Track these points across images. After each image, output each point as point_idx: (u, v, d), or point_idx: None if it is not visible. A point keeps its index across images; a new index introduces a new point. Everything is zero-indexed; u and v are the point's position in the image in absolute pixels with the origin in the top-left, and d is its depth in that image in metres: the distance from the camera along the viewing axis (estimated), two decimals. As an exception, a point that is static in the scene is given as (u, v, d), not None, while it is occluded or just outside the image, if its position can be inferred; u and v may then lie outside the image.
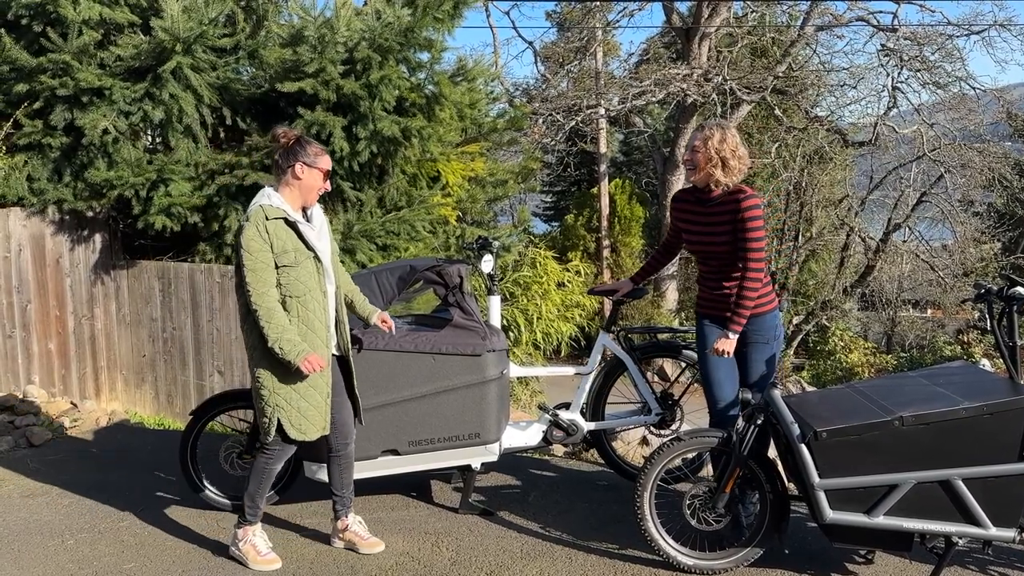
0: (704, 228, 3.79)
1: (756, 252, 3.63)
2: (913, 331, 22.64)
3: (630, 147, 28.98)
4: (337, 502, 3.80)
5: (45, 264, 6.53)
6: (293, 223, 3.44)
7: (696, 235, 3.85)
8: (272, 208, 3.42)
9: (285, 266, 3.40)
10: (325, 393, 3.57)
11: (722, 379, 3.84)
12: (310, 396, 3.51)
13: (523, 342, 9.15)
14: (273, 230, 3.39)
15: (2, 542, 3.95)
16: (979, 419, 3.13)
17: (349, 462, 3.78)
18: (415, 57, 6.74)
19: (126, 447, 5.53)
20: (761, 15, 19.38)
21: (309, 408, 3.51)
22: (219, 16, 6.57)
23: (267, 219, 3.39)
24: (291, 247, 3.42)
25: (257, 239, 3.36)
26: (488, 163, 7.82)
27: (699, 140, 3.69)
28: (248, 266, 3.37)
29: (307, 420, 3.51)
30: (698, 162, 3.69)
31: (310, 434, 3.53)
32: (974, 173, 19.35)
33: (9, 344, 6.39)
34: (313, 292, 3.49)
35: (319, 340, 3.50)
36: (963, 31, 18.54)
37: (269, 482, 3.67)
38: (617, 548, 3.82)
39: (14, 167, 6.41)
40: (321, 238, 3.57)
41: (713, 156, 3.64)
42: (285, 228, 3.42)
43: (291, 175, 3.47)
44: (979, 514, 3.17)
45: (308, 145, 3.51)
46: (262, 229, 3.37)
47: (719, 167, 3.65)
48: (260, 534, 3.71)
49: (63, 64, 6.17)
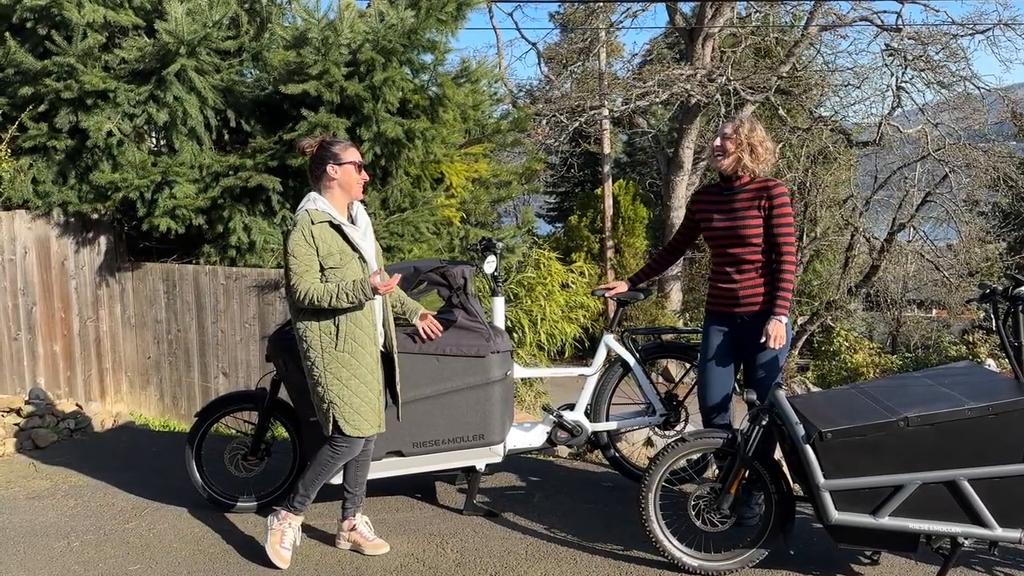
0: (730, 215, 3.88)
1: (790, 237, 3.81)
2: (918, 331, 22.59)
3: (634, 148, 28.96)
4: (347, 500, 3.81)
5: (50, 266, 6.55)
6: (338, 225, 3.50)
7: (721, 223, 3.91)
8: (317, 212, 3.49)
9: (332, 268, 3.46)
10: (377, 390, 3.59)
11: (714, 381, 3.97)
12: (362, 393, 3.53)
13: (527, 343, 9.14)
14: (319, 234, 3.45)
15: (8, 544, 3.96)
16: (984, 419, 3.12)
17: (367, 460, 3.79)
18: (418, 59, 6.75)
19: (131, 449, 5.54)
20: (765, 15, 19.36)
21: (362, 404, 3.53)
22: (223, 18, 6.59)
23: (312, 223, 3.46)
24: (336, 249, 3.48)
25: (303, 244, 3.43)
26: (492, 164, 7.83)
27: (730, 128, 3.88)
28: (294, 270, 3.42)
29: (360, 416, 3.53)
30: (728, 149, 3.85)
31: (364, 430, 3.56)
32: (979, 173, 19.30)
33: (15, 346, 6.41)
34: None
35: (367, 337, 3.54)
36: (967, 30, 18.50)
37: (326, 477, 3.67)
38: (622, 549, 3.82)
39: (19, 170, 6.43)
40: (366, 238, 3.64)
41: (743, 142, 3.82)
42: (330, 231, 3.49)
43: (326, 178, 3.55)
44: (985, 515, 3.16)
45: (332, 145, 3.59)
46: (307, 234, 3.44)
47: (748, 153, 3.82)
48: (296, 528, 3.73)
49: (68, 67, 6.19)
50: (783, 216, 3.79)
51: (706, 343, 4.01)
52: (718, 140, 3.90)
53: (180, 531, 4.08)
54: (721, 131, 3.92)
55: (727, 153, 3.85)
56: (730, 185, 3.91)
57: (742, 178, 3.87)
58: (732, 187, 3.90)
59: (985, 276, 19.36)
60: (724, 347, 3.96)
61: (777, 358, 3.86)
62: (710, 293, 4.06)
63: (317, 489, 3.70)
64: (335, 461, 3.63)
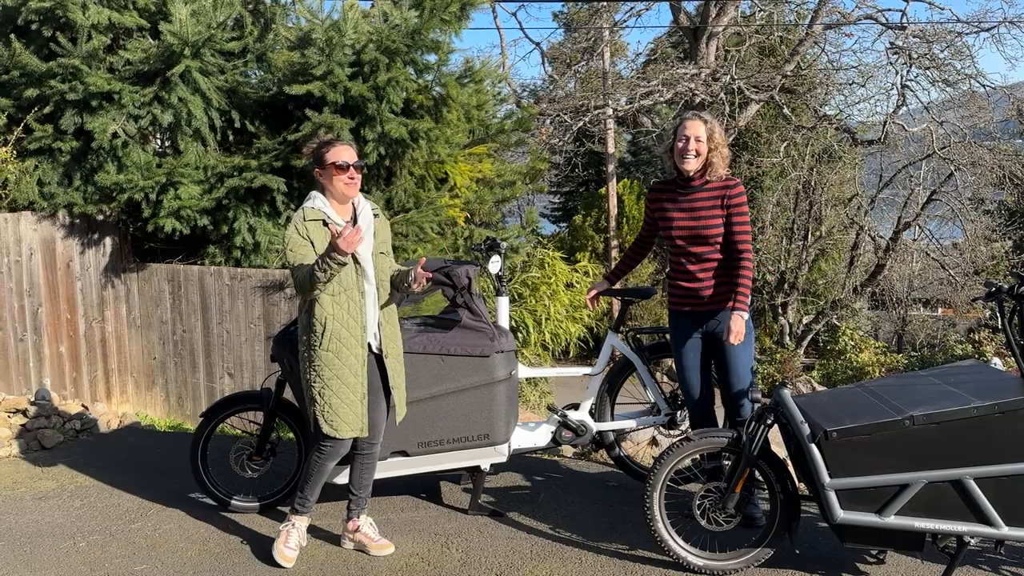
0: (692, 215, 3.87)
1: (748, 235, 3.85)
2: (924, 330, 22.54)
3: (638, 147, 28.93)
4: (352, 501, 3.81)
5: (56, 268, 6.57)
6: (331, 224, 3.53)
7: (683, 223, 3.90)
8: (311, 210, 3.55)
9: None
10: (360, 393, 3.58)
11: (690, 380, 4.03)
12: (342, 393, 3.53)
13: (531, 343, 9.15)
14: (312, 230, 3.50)
15: (14, 544, 3.98)
16: (991, 418, 3.11)
17: (372, 463, 3.79)
18: (422, 59, 6.76)
19: (137, 449, 5.55)
20: (769, 14, 19.32)
21: (341, 405, 3.53)
22: (227, 20, 6.61)
23: (305, 220, 3.52)
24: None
25: (295, 235, 3.49)
26: (496, 164, 7.83)
27: (702, 130, 3.83)
28: (291, 261, 3.49)
29: (339, 417, 3.53)
30: (700, 151, 3.82)
31: (342, 431, 3.55)
32: (984, 171, 19.25)
33: (21, 347, 6.43)
34: (350, 291, 3.54)
35: (353, 338, 3.54)
36: (972, 28, 18.47)
37: (320, 477, 3.69)
38: (627, 548, 3.82)
39: (25, 171, 6.46)
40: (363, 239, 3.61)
41: (716, 145, 3.82)
42: (323, 229, 3.51)
43: (318, 182, 3.62)
44: (991, 513, 3.15)
45: (320, 147, 3.61)
46: (301, 228, 3.50)
47: (718, 156, 3.83)
48: (300, 528, 3.75)
49: (73, 68, 6.21)
50: (742, 216, 3.82)
51: (675, 343, 4.05)
52: (688, 141, 3.81)
53: (186, 531, 4.08)
54: (686, 131, 3.83)
55: (699, 156, 3.82)
56: (689, 184, 3.88)
57: (703, 178, 3.85)
58: (692, 186, 3.87)
59: (991, 274, 19.29)
60: (694, 346, 3.99)
61: (745, 353, 3.88)
62: (672, 292, 4.05)
63: (315, 490, 3.71)
64: (321, 462, 3.64)
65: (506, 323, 4.47)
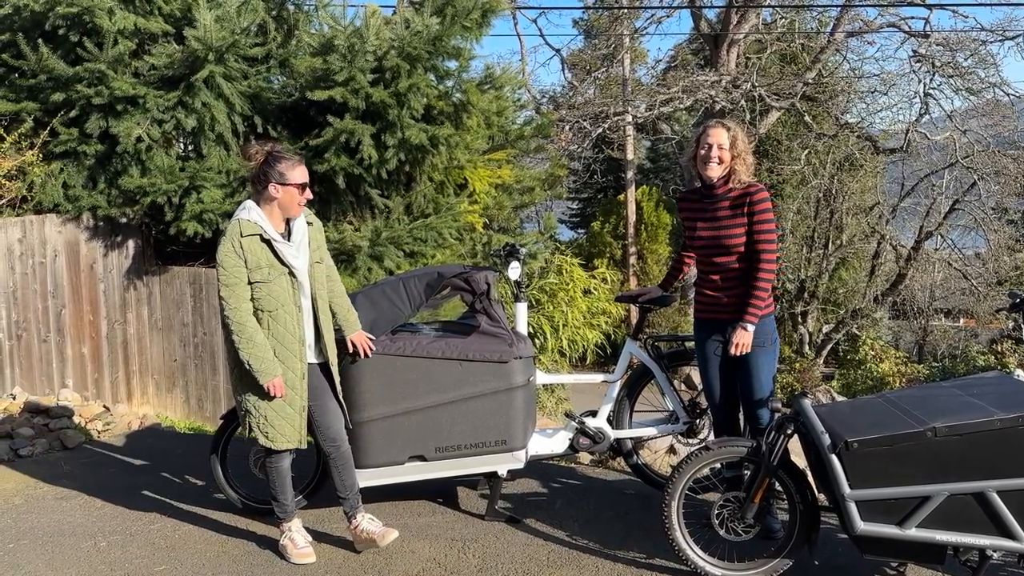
0: (713, 224, 3.84)
1: (771, 243, 3.76)
2: (945, 340, 22.29)
3: (657, 154, 28.90)
4: (344, 504, 3.82)
5: (79, 270, 6.64)
6: (268, 240, 3.48)
7: (706, 232, 3.88)
8: (248, 224, 3.47)
9: (258, 282, 3.48)
10: (299, 405, 3.60)
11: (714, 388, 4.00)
12: (278, 406, 3.56)
13: (549, 349, 9.14)
14: (248, 246, 3.44)
15: (36, 543, 4.02)
16: (1015, 430, 3.07)
17: (346, 464, 3.77)
18: (443, 65, 6.78)
19: (157, 450, 5.60)
20: (790, 21, 19.23)
21: (276, 417, 3.56)
22: (251, 25, 6.66)
23: (242, 235, 3.44)
24: (265, 263, 3.48)
25: (231, 255, 3.43)
26: (515, 170, 7.84)
27: (725, 138, 3.78)
28: (222, 281, 3.45)
29: (274, 428, 3.56)
30: (724, 158, 3.78)
31: (278, 443, 3.59)
32: (1008, 180, 19.01)
33: (44, 348, 6.50)
34: (287, 307, 3.53)
35: (290, 354, 3.56)
36: (997, 36, 18.26)
37: (283, 481, 3.72)
38: (644, 557, 3.80)
39: (50, 174, 6.54)
40: (299, 254, 3.59)
41: (740, 152, 3.77)
42: (260, 244, 3.47)
43: (267, 194, 3.51)
44: (1015, 527, 3.10)
45: (278, 162, 3.51)
46: (236, 245, 3.43)
47: (742, 163, 3.78)
48: (298, 529, 3.79)
49: (98, 73, 6.28)
50: (765, 222, 3.73)
51: (700, 351, 4.03)
52: (711, 149, 3.77)
53: (205, 532, 4.11)
54: (709, 138, 3.79)
55: (723, 163, 3.78)
56: (712, 192, 3.84)
57: (727, 185, 3.81)
58: (715, 194, 3.83)
59: (1014, 285, 19.06)
60: (718, 354, 3.96)
61: (766, 363, 3.84)
62: (697, 300, 4.04)
63: (285, 495, 3.74)
64: (272, 471, 3.70)
65: (524, 329, 4.47)
